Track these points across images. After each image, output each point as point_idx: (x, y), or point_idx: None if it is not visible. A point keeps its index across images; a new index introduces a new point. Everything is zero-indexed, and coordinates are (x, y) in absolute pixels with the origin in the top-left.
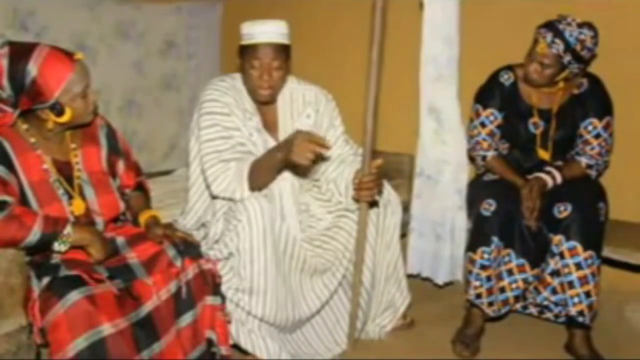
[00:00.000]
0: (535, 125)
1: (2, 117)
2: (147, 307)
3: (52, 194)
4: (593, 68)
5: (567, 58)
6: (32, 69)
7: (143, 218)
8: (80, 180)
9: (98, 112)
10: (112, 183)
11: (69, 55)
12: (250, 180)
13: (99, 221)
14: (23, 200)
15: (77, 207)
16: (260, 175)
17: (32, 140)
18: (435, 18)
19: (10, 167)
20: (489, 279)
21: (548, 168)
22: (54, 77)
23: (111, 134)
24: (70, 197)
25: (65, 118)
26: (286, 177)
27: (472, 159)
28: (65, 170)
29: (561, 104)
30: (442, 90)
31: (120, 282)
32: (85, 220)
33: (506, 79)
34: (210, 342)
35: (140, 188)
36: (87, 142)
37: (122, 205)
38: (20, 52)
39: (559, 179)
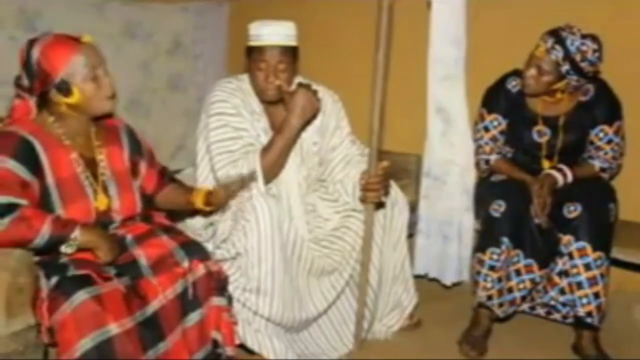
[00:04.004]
0: (540, 133)
1: (22, 104)
2: (153, 306)
3: (80, 189)
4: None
5: (566, 67)
6: (36, 51)
7: (199, 196)
8: (105, 177)
9: (115, 96)
10: (133, 183)
11: (75, 38)
12: (264, 170)
13: (117, 219)
14: (44, 201)
15: (101, 202)
16: (277, 160)
17: (60, 131)
18: (442, 18)
19: (37, 167)
20: (499, 280)
21: (559, 165)
22: (56, 56)
23: (132, 135)
24: (95, 193)
25: (73, 99)
26: (293, 177)
27: (475, 162)
28: (90, 167)
29: (567, 112)
30: (450, 90)
31: (127, 280)
32: (105, 217)
33: (513, 85)
34: (215, 343)
35: (171, 179)
36: (111, 142)
37: (139, 206)
38: (31, 41)
39: (569, 177)
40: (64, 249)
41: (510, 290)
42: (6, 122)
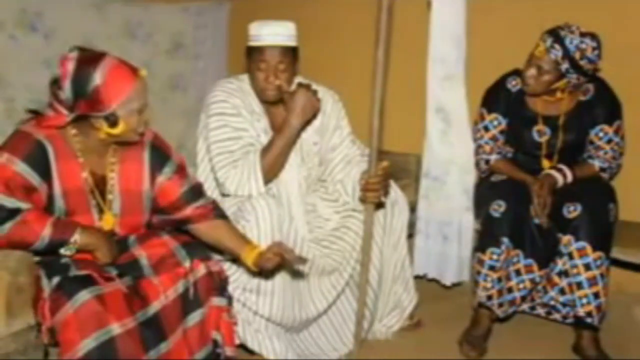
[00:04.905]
0: (540, 133)
1: (55, 117)
2: (155, 306)
3: (85, 205)
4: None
5: (565, 66)
6: (97, 76)
7: (250, 258)
8: (112, 195)
9: (144, 133)
10: (144, 206)
11: (133, 70)
12: (264, 170)
13: (119, 235)
14: (49, 207)
15: (107, 221)
16: (277, 160)
17: (77, 147)
18: (443, 18)
19: (46, 172)
20: (499, 280)
21: (559, 165)
22: (115, 88)
23: (156, 149)
24: (101, 211)
25: (117, 130)
26: (293, 177)
27: (475, 162)
28: (100, 184)
29: (567, 111)
30: (450, 90)
31: (128, 280)
32: (110, 234)
33: (513, 85)
34: (216, 343)
35: (222, 215)
36: (130, 159)
37: (142, 229)
38: (88, 59)
39: (569, 177)
40: (63, 251)
41: (510, 290)
42: (27, 121)
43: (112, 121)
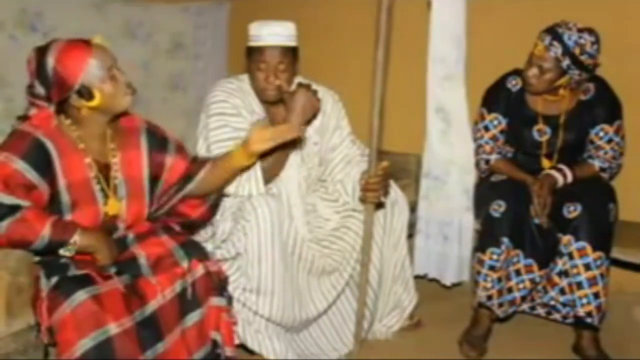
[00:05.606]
0: (540, 132)
1: (41, 112)
2: (152, 306)
3: (90, 194)
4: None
5: (566, 62)
6: (50, 60)
7: (237, 151)
8: (117, 180)
9: (136, 91)
10: (145, 193)
11: (85, 42)
12: (264, 170)
13: (121, 226)
14: (54, 204)
15: (112, 207)
16: (277, 160)
17: (75, 134)
18: (443, 18)
19: (47, 170)
20: (499, 280)
21: (559, 165)
22: (71, 62)
23: (152, 133)
24: (106, 197)
25: (96, 102)
26: (293, 177)
27: (475, 162)
28: (104, 171)
29: (568, 110)
30: (450, 90)
31: (126, 278)
32: (111, 223)
33: (513, 84)
34: (215, 343)
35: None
36: (128, 145)
37: (145, 214)
38: (40, 51)
39: (569, 177)
40: (62, 252)
41: (510, 290)
42: (21, 123)
43: (86, 94)
